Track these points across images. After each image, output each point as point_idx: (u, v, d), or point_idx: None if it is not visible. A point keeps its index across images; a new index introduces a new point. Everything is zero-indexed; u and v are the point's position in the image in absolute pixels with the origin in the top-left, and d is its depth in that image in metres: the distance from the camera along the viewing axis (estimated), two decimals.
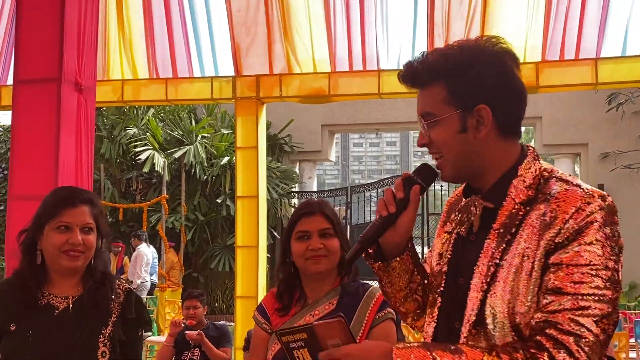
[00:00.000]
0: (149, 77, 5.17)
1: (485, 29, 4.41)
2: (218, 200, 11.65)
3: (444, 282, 1.36)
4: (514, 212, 1.25)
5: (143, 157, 11.37)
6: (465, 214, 1.34)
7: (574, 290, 1.15)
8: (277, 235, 12.14)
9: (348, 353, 1.20)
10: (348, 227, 12.43)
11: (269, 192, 10.72)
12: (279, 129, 12.28)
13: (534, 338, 1.14)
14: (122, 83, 5.17)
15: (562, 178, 1.27)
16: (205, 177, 11.60)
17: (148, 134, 11.76)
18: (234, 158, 5.63)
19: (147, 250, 9.98)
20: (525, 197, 1.26)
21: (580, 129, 11.81)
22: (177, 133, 11.87)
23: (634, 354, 5.50)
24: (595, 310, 1.14)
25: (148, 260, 9.92)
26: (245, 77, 4.94)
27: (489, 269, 1.24)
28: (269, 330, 2.02)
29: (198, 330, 4.22)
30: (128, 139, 11.83)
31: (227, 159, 11.47)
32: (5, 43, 5.30)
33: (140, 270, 9.65)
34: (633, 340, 5.65)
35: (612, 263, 1.19)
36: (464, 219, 1.34)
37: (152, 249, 10.33)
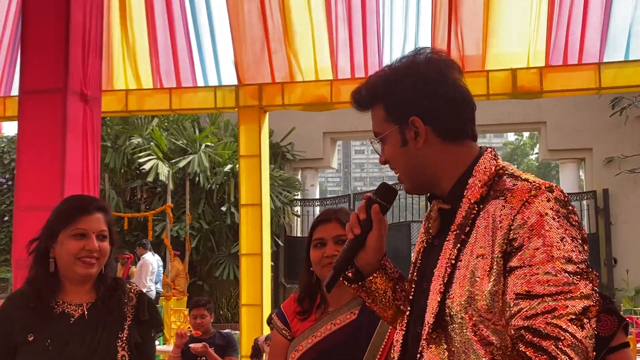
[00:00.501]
0: (153, 87, 5.19)
1: (488, 36, 4.42)
2: (222, 209, 11.66)
3: (413, 289, 1.37)
4: (469, 211, 1.26)
5: (147, 166, 11.40)
6: (429, 221, 1.37)
7: (543, 292, 1.12)
8: (280, 243, 12.14)
9: None
10: None
11: (272, 200, 10.72)
12: (281, 137, 12.30)
13: (516, 347, 1.13)
14: (126, 93, 5.20)
15: (513, 174, 1.27)
16: (209, 185, 11.63)
17: (152, 144, 11.80)
18: (237, 166, 5.64)
19: (152, 259, 9.99)
20: (479, 195, 1.26)
21: (584, 134, 11.79)
22: (181, 142, 11.91)
23: None
24: (568, 309, 1.10)
25: (153, 269, 9.93)
26: (248, 85, 4.96)
27: (446, 271, 1.24)
28: (289, 337, 2.00)
29: (202, 343, 4.20)
30: (132, 149, 11.87)
31: (230, 167, 11.49)
32: (10, 54, 5.34)
33: (146, 279, 9.66)
34: None
35: (576, 254, 1.14)
36: (428, 225, 1.37)
37: (157, 258, 10.34)
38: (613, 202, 11.46)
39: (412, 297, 1.36)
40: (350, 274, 1.43)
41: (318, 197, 13.79)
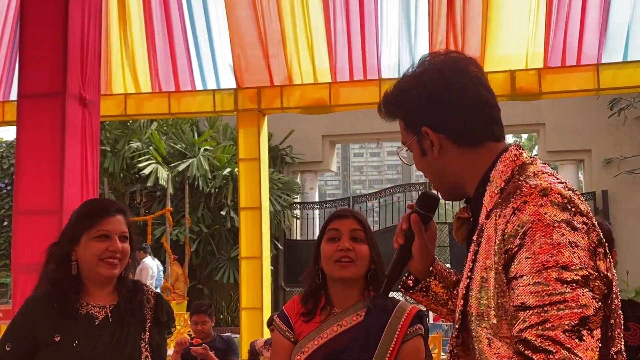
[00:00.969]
0: (152, 91, 5.20)
1: (487, 38, 4.43)
2: (222, 212, 11.65)
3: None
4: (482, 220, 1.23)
5: (147, 170, 11.39)
6: (454, 232, 1.39)
7: (536, 303, 1.06)
8: (280, 247, 12.13)
9: None
10: None
11: (271, 203, 10.71)
12: (280, 140, 12.30)
13: None
14: (125, 97, 5.20)
15: (527, 175, 1.19)
16: (209, 189, 11.62)
17: (151, 148, 11.80)
18: (237, 170, 5.63)
19: (152, 263, 9.97)
20: (494, 203, 1.20)
21: (583, 135, 11.79)
22: (180, 146, 11.90)
23: None
24: (562, 320, 1.04)
25: (153, 273, 9.90)
26: (247, 89, 4.97)
27: (463, 283, 1.24)
28: (292, 339, 1.97)
29: (203, 345, 4.20)
30: (131, 153, 11.86)
31: (229, 170, 11.49)
32: (9, 58, 5.34)
33: (146, 283, 9.65)
34: None
35: (576, 260, 1.07)
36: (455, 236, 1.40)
37: (156, 262, 10.33)
38: (612, 203, 11.46)
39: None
40: (411, 282, 1.46)
41: (317, 200, 13.78)
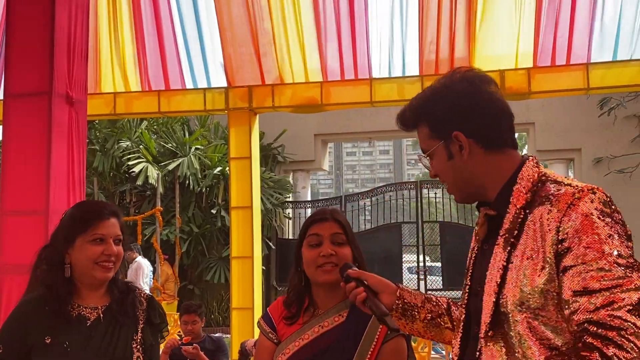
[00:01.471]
0: (141, 89, 5.16)
1: (476, 38, 4.43)
2: (212, 212, 11.60)
3: (467, 295, 1.48)
4: (516, 216, 1.36)
5: (136, 169, 11.32)
6: (478, 227, 1.48)
7: (600, 286, 1.21)
8: (272, 246, 12.10)
9: None
10: None
11: (263, 202, 10.68)
12: (272, 139, 12.28)
13: (582, 340, 1.20)
14: (114, 96, 5.16)
15: (556, 180, 1.37)
16: (199, 188, 11.57)
17: (141, 147, 11.73)
18: (228, 169, 5.61)
19: (145, 262, 9.93)
20: (524, 201, 1.36)
21: (573, 134, 11.85)
22: (170, 145, 11.84)
23: None
24: (625, 301, 1.19)
25: (148, 272, 9.86)
26: (238, 88, 4.94)
27: (498, 272, 1.34)
28: (275, 340, 1.96)
29: (194, 345, 4.18)
30: (121, 152, 11.79)
31: (220, 170, 11.44)
32: None
33: (142, 282, 9.57)
34: None
35: (624, 249, 1.24)
36: (477, 232, 1.48)
37: (147, 262, 10.28)
38: None
39: (466, 301, 1.48)
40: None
41: (310, 199, 13.76)
